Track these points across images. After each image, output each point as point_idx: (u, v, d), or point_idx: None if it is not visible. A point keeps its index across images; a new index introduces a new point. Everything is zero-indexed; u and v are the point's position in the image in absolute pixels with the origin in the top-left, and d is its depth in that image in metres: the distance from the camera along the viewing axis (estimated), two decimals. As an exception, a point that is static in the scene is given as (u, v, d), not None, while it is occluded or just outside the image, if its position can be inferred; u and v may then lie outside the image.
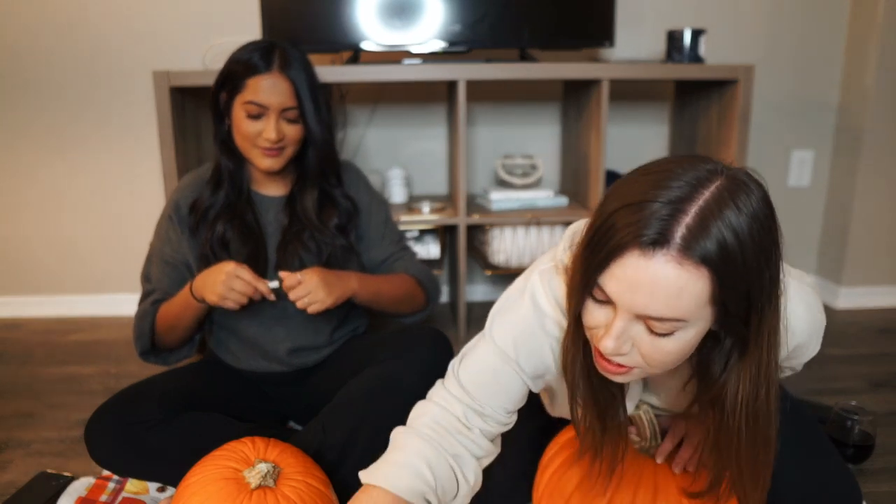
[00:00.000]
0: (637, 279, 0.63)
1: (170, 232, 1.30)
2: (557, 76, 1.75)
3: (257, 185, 1.34)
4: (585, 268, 0.68)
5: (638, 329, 0.67)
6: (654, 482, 0.91)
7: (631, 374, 0.72)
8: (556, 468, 0.98)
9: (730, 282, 0.63)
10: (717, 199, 0.62)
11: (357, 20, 1.77)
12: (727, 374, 0.71)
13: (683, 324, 0.65)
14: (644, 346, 0.68)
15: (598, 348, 0.70)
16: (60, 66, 2.08)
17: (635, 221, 0.62)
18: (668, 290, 0.62)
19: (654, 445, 0.96)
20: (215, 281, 1.16)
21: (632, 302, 0.64)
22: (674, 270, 0.62)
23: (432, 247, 1.94)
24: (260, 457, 0.99)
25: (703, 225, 0.61)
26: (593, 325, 0.70)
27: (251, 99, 1.22)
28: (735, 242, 0.62)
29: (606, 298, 0.67)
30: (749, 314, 0.66)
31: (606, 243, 0.64)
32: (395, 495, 0.78)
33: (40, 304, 2.28)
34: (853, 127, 2.23)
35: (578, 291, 0.70)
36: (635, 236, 0.62)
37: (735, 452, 0.73)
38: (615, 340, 0.67)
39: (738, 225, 0.62)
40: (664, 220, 0.62)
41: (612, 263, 0.65)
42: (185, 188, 1.33)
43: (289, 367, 1.33)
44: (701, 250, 0.61)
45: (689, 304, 0.63)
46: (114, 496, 1.21)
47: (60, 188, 2.18)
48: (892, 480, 1.29)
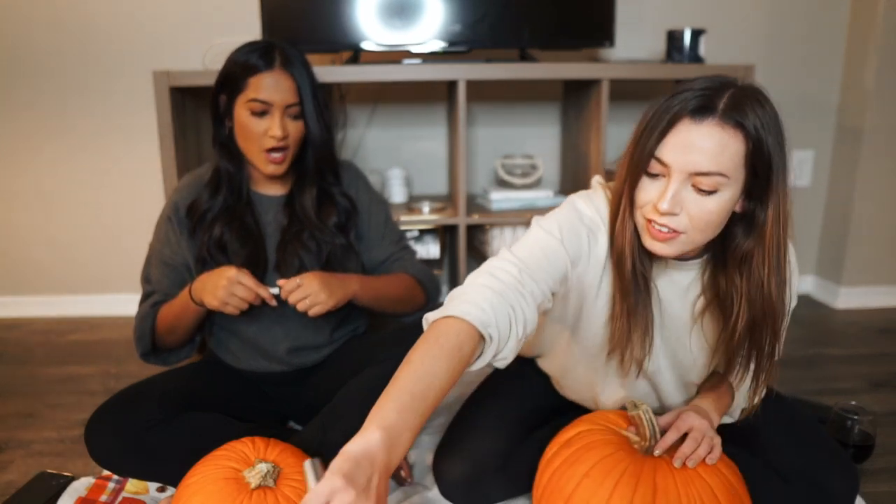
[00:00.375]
0: (690, 140, 0.82)
1: (169, 233, 1.30)
2: (557, 76, 1.75)
3: (256, 184, 1.34)
4: (642, 148, 0.85)
5: (687, 192, 0.84)
6: (654, 482, 0.91)
7: (676, 240, 0.86)
8: (556, 468, 0.98)
9: (758, 147, 0.82)
10: (745, 89, 0.84)
11: (357, 20, 1.77)
12: (754, 237, 0.87)
13: (725, 180, 0.82)
14: (691, 206, 0.84)
15: (652, 216, 0.86)
16: (61, 66, 2.08)
17: (685, 99, 0.82)
18: (714, 147, 0.81)
19: (653, 445, 0.96)
20: (216, 286, 1.16)
21: (685, 161, 0.82)
22: (718, 131, 0.81)
23: (432, 247, 1.94)
24: (260, 457, 0.99)
25: (738, 102, 0.82)
26: (646, 200, 0.87)
27: (255, 96, 1.21)
28: (762, 119, 0.82)
29: (660, 171, 0.85)
30: (770, 185, 0.84)
31: (662, 121, 0.83)
32: (466, 321, 0.82)
33: (40, 304, 2.28)
34: (853, 127, 2.24)
35: (634, 172, 0.87)
36: (686, 108, 0.82)
37: (762, 310, 0.88)
38: (671, 199, 0.83)
39: (762, 109, 0.83)
40: (708, 96, 0.82)
41: (668, 134, 0.83)
42: (184, 189, 1.32)
43: (288, 366, 1.33)
44: (738, 117, 0.81)
45: (729, 160, 0.82)
46: (114, 496, 1.21)
47: (60, 188, 2.18)
48: (892, 480, 1.29)
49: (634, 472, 0.92)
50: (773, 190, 0.85)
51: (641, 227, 0.89)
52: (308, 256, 1.29)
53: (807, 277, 2.48)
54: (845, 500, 1.01)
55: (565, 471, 0.96)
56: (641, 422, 0.96)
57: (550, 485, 0.98)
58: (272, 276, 1.29)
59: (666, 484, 0.90)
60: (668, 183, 0.84)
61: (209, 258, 1.26)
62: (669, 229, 0.86)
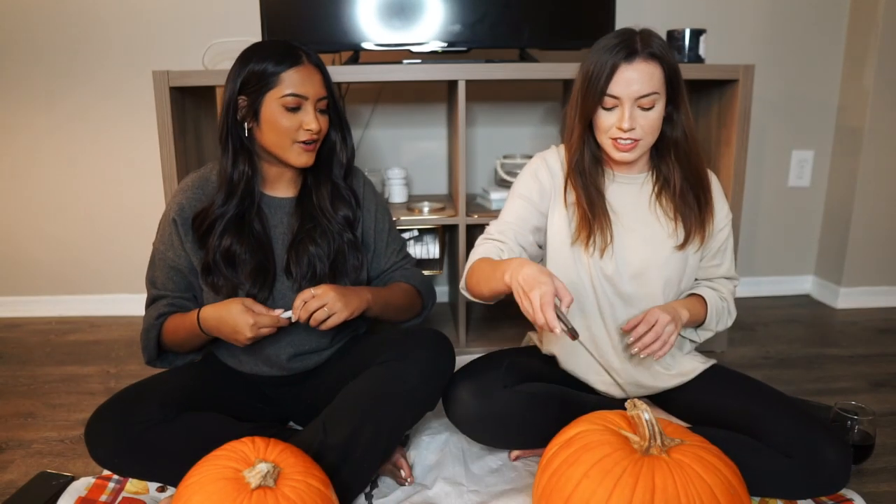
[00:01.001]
0: (629, 77, 1.14)
1: (172, 235, 1.28)
2: (557, 76, 1.75)
3: (266, 186, 1.33)
4: (594, 91, 1.16)
5: (636, 112, 1.16)
6: (653, 481, 0.91)
7: (637, 147, 1.18)
8: (556, 468, 0.99)
9: (670, 66, 1.17)
10: (643, 31, 1.17)
11: (357, 20, 1.77)
12: (675, 128, 1.23)
13: (657, 96, 1.16)
14: (641, 119, 1.16)
15: (617, 134, 1.17)
16: (60, 65, 2.08)
17: (615, 51, 1.14)
18: (645, 76, 1.14)
19: (653, 445, 0.96)
20: (236, 331, 1.17)
21: (630, 91, 1.14)
22: (644, 65, 1.14)
23: (432, 247, 1.94)
24: (260, 457, 0.99)
25: (647, 40, 1.15)
26: (609, 125, 1.18)
27: (290, 91, 1.21)
28: (663, 46, 1.16)
29: (613, 104, 1.16)
30: (679, 90, 1.20)
31: (605, 69, 1.14)
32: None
33: (40, 304, 2.28)
34: (853, 127, 2.24)
35: (590, 109, 1.18)
36: (620, 57, 1.14)
37: (692, 169, 1.25)
38: (629, 119, 1.15)
39: (660, 40, 1.17)
40: (628, 44, 1.15)
41: (613, 77, 1.14)
42: (189, 190, 1.30)
43: (289, 371, 1.33)
44: (652, 50, 1.15)
45: (657, 81, 1.16)
46: (114, 496, 1.21)
47: (60, 188, 2.19)
48: (892, 480, 1.29)
49: (633, 472, 0.92)
50: (681, 93, 1.20)
51: (608, 145, 1.20)
52: (318, 252, 1.29)
53: (807, 277, 2.48)
54: (840, 469, 1.11)
55: (565, 471, 0.97)
56: (641, 422, 0.96)
57: (550, 485, 0.98)
58: (281, 278, 1.28)
59: (665, 484, 0.90)
60: (623, 109, 1.16)
61: (214, 267, 1.25)
62: (632, 140, 1.17)
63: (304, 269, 1.28)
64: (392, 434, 1.17)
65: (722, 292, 1.32)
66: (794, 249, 2.43)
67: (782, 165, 2.35)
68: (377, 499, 1.22)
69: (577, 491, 0.93)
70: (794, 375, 1.77)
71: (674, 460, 0.95)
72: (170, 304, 1.29)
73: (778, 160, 2.34)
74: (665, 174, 1.27)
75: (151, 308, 1.30)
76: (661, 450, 0.96)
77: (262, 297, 1.25)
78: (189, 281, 1.30)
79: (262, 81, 1.21)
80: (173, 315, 1.29)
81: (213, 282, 1.25)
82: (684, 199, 1.25)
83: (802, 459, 1.12)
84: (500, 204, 1.92)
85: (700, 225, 1.26)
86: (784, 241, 2.43)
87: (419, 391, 1.18)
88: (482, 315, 2.20)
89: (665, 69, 1.16)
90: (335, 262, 1.30)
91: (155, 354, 1.31)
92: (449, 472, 1.29)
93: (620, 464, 0.93)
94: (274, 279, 1.27)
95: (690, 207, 1.26)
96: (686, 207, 1.26)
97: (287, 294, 1.27)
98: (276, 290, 1.27)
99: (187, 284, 1.30)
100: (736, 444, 1.14)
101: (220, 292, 1.24)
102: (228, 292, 1.24)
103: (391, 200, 2.02)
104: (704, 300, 1.29)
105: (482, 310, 2.24)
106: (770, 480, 1.14)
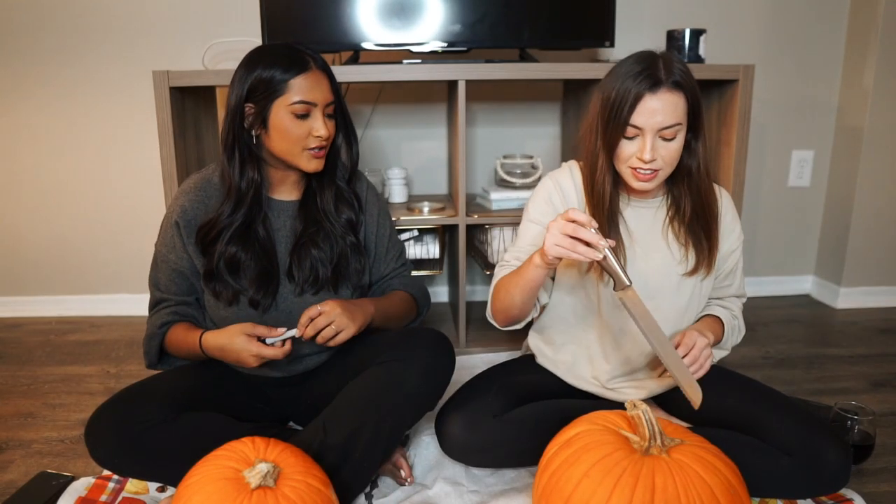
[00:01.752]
0: (653, 108, 1.10)
1: (174, 238, 1.27)
2: (557, 76, 1.75)
3: (270, 190, 1.31)
4: (616, 121, 1.13)
5: (657, 142, 1.13)
6: (653, 482, 0.91)
7: (657, 177, 1.16)
8: (556, 468, 0.99)
9: (692, 95, 1.14)
10: (665, 56, 1.13)
11: (357, 20, 1.77)
12: (692, 156, 1.20)
13: (680, 126, 1.13)
14: (663, 150, 1.14)
15: (636, 166, 1.15)
16: (60, 65, 2.08)
17: (639, 81, 1.10)
18: (669, 107, 1.11)
19: (653, 445, 0.96)
20: (240, 360, 1.16)
21: (654, 122, 1.11)
22: (669, 95, 1.11)
23: (432, 247, 1.94)
24: (260, 457, 0.99)
25: (670, 68, 1.11)
26: (630, 154, 1.15)
27: (299, 98, 1.19)
28: (685, 73, 1.13)
29: (635, 133, 1.13)
30: (699, 118, 1.17)
31: (628, 99, 1.11)
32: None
33: (40, 304, 2.28)
34: (853, 127, 2.24)
35: (612, 139, 1.15)
36: (644, 87, 1.10)
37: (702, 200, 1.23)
38: (650, 150, 1.12)
39: (682, 65, 1.13)
40: (652, 73, 1.10)
41: (636, 108, 1.11)
42: (191, 192, 1.28)
43: (289, 373, 1.33)
44: (676, 79, 1.11)
45: (680, 112, 1.12)
46: (114, 496, 1.21)
47: (60, 188, 2.19)
48: (892, 480, 1.29)
49: (633, 472, 0.92)
50: (702, 121, 1.18)
51: (627, 174, 1.17)
52: (320, 255, 1.29)
53: (807, 277, 2.48)
54: (840, 470, 1.12)
55: (565, 471, 0.97)
56: (641, 422, 0.96)
57: (550, 485, 0.98)
58: (283, 282, 1.27)
59: (665, 484, 0.90)
60: (645, 140, 1.12)
61: (217, 275, 1.24)
62: (652, 171, 1.15)
63: (307, 273, 1.27)
64: (392, 434, 1.17)
65: (733, 310, 1.33)
66: (794, 249, 2.43)
67: (782, 165, 2.35)
68: (377, 499, 1.22)
69: (577, 491, 0.93)
70: (794, 375, 1.77)
71: (674, 460, 0.95)
72: (173, 312, 1.28)
73: (778, 160, 2.34)
74: (677, 200, 1.25)
75: (154, 315, 1.30)
76: (661, 450, 0.96)
77: (266, 304, 1.24)
78: (191, 283, 1.29)
79: (270, 89, 1.19)
80: (177, 326, 1.28)
81: (214, 288, 1.24)
82: (692, 229, 1.24)
83: (802, 460, 1.12)
84: (500, 204, 1.92)
85: (706, 256, 1.25)
86: (784, 241, 2.43)
87: (419, 392, 1.18)
88: (482, 315, 2.20)
89: (688, 98, 1.13)
90: (338, 266, 1.30)
91: (156, 360, 1.31)
92: (449, 472, 1.29)
93: (620, 464, 0.93)
94: (277, 285, 1.26)
95: (698, 237, 1.25)
96: (694, 236, 1.25)
97: (289, 299, 1.27)
98: (279, 294, 1.27)
99: (190, 287, 1.29)
100: (736, 444, 1.14)
101: (221, 299, 1.24)
102: (230, 299, 1.23)
103: (391, 200, 2.02)
104: (720, 320, 1.29)
105: (482, 310, 2.24)
106: (770, 480, 1.14)
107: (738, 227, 1.32)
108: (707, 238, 1.24)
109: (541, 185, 1.31)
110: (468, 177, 2.24)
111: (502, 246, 1.91)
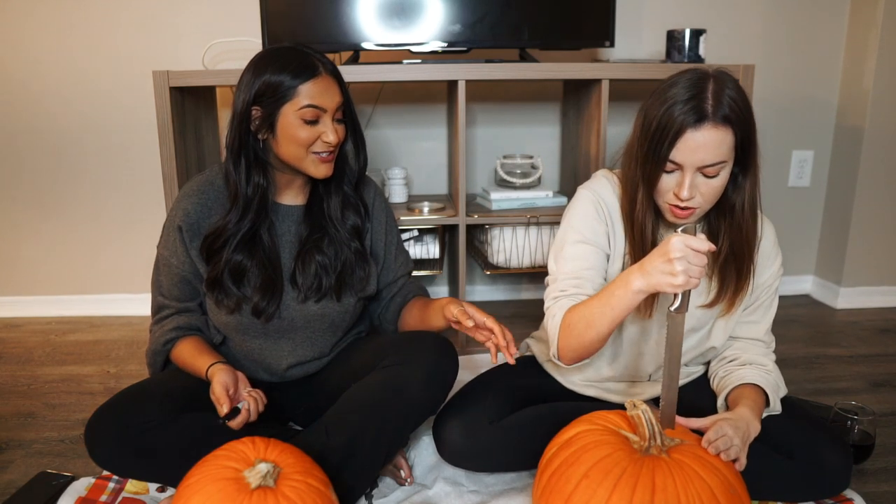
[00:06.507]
0: (695, 144, 1.01)
1: (177, 243, 1.25)
2: (557, 76, 1.75)
3: (276, 194, 1.30)
4: (655, 155, 1.05)
5: (698, 179, 1.05)
6: (653, 482, 0.91)
7: (693, 214, 1.09)
8: (556, 468, 0.99)
9: (743, 131, 1.04)
10: (719, 80, 1.04)
11: (357, 20, 1.77)
12: (737, 192, 1.11)
13: (724, 164, 1.04)
14: (703, 187, 1.05)
15: (673, 202, 1.07)
16: (60, 65, 2.08)
17: (682, 113, 1.01)
18: (713, 143, 1.01)
19: (653, 445, 0.96)
20: (213, 387, 1.14)
21: (695, 160, 1.02)
22: (714, 131, 1.01)
23: (432, 247, 1.94)
24: (260, 457, 0.99)
25: (720, 99, 1.01)
26: (667, 189, 1.08)
27: (309, 103, 1.16)
28: (739, 105, 1.02)
29: (674, 168, 1.05)
30: (750, 153, 1.07)
31: (669, 132, 1.02)
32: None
33: (40, 304, 2.28)
34: (853, 127, 2.24)
35: (652, 173, 1.07)
36: (686, 121, 1.01)
37: (742, 239, 1.13)
38: (689, 188, 1.04)
39: (736, 94, 1.03)
40: (698, 105, 1.01)
41: (677, 143, 1.02)
42: (194, 195, 1.26)
43: (288, 379, 1.33)
44: (725, 113, 1.01)
45: (726, 149, 1.03)
46: (114, 496, 1.21)
47: (59, 188, 2.19)
48: (892, 480, 1.29)
49: (633, 473, 0.92)
50: (753, 157, 1.08)
51: (665, 209, 1.11)
52: (324, 261, 1.27)
53: (807, 277, 2.48)
54: (842, 472, 1.12)
55: (564, 471, 0.96)
56: (641, 422, 0.96)
57: (550, 485, 0.98)
58: (287, 289, 1.26)
59: (665, 484, 0.90)
60: (684, 176, 1.04)
61: (220, 283, 1.23)
62: (689, 208, 1.07)
63: (311, 279, 1.26)
64: (394, 438, 1.17)
65: (768, 367, 1.22)
66: (794, 249, 2.43)
67: (782, 165, 2.35)
68: (377, 499, 1.22)
69: (577, 491, 0.93)
70: (794, 375, 1.77)
71: (674, 460, 0.95)
72: (176, 326, 1.26)
73: (778, 160, 2.34)
74: (715, 235, 1.15)
75: (157, 327, 1.28)
76: (661, 450, 0.96)
77: (269, 312, 1.23)
78: (194, 287, 1.28)
79: (279, 94, 1.16)
80: (181, 343, 1.25)
81: (217, 296, 1.23)
82: (724, 269, 1.16)
83: (803, 462, 1.12)
84: (500, 204, 1.92)
85: (730, 294, 1.17)
86: (784, 241, 2.40)
87: (422, 397, 1.18)
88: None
89: (737, 133, 1.03)
90: (342, 275, 1.29)
91: (159, 371, 1.31)
92: (449, 472, 1.29)
93: (620, 464, 0.93)
94: (281, 293, 1.25)
95: (725, 274, 1.16)
96: (721, 273, 1.17)
97: (292, 306, 1.26)
98: (283, 302, 1.26)
99: (192, 291, 1.28)
100: None
101: (224, 306, 1.23)
102: (232, 308, 1.23)
103: (391, 200, 2.02)
104: (763, 390, 1.18)
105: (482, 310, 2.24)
106: (771, 482, 1.14)
107: (777, 261, 1.23)
108: (737, 278, 1.16)
109: (583, 201, 1.20)
110: (468, 177, 2.23)
111: (502, 246, 1.91)
